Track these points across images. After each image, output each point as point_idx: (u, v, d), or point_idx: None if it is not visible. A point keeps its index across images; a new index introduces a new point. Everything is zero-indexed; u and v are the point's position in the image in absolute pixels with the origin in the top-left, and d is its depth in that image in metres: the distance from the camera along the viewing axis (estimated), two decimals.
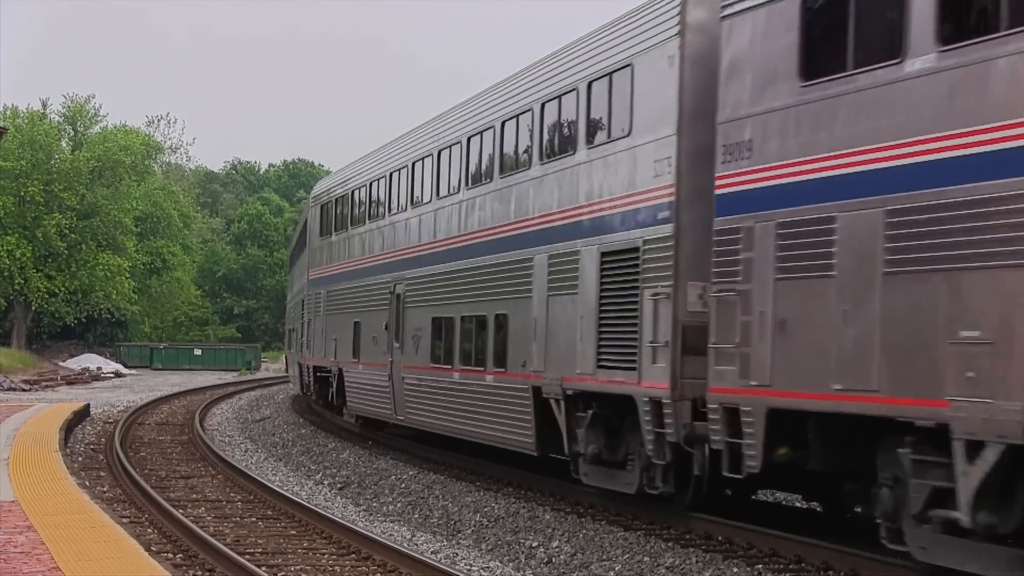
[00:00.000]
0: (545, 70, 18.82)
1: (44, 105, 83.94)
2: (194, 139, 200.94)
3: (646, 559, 14.29)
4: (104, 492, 19.47)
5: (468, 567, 14.56)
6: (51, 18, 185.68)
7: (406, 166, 25.33)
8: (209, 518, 17.41)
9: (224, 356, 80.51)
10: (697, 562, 13.88)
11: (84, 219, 77.95)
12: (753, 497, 17.24)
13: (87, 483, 19.25)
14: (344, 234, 30.42)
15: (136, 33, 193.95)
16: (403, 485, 21.33)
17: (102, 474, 22.04)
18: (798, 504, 17.64)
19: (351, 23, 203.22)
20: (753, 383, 12.86)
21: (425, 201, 23.90)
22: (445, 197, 22.78)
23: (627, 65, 16.07)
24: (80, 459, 24.09)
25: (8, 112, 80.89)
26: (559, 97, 18.06)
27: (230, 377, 65.77)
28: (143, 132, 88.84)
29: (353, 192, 29.81)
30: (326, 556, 14.58)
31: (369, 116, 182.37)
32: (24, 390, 48.38)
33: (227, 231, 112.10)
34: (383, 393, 25.91)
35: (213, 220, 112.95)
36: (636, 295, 15.40)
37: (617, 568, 14.09)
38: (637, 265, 15.46)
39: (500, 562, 14.98)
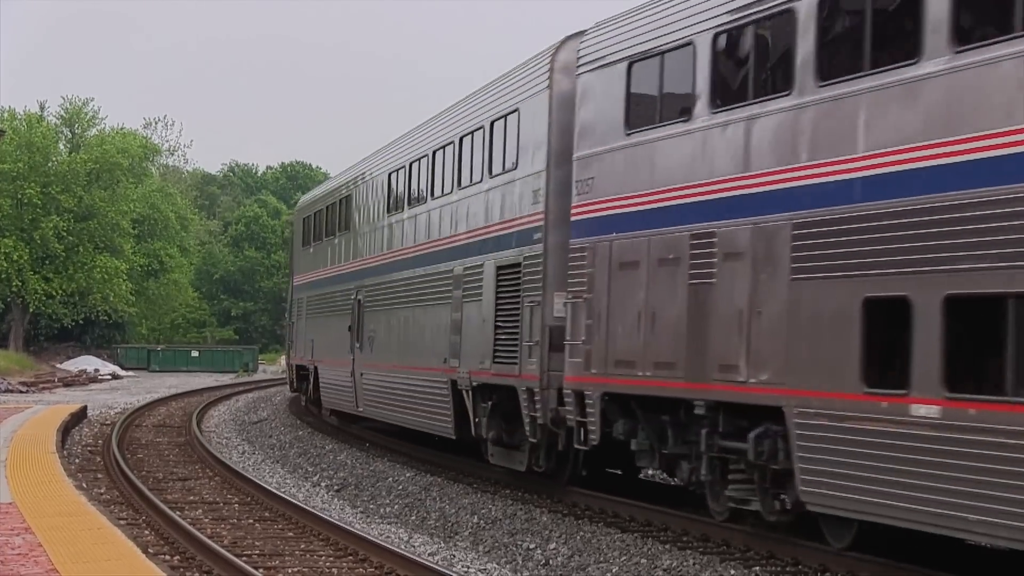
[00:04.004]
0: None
1: (42, 107, 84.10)
2: (191, 141, 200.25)
3: (643, 561, 14.31)
4: (101, 494, 19.47)
5: (465, 569, 14.58)
6: (49, 21, 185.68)
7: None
8: (206, 520, 17.43)
9: (221, 358, 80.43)
10: (695, 564, 13.90)
11: (81, 221, 77.95)
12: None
13: (84, 485, 19.25)
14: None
15: (134, 36, 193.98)
16: (400, 487, 21.35)
17: (99, 476, 22.05)
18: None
19: (350, 26, 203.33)
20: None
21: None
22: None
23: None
24: (77, 461, 24.10)
25: (6, 114, 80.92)
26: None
27: (227, 379, 65.74)
28: (140, 134, 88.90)
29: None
30: (323, 558, 14.60)
31: (367, 117, 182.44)
32: (21, 392, 48.40)
33: (224, 233, 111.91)
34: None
35: (210, 222, 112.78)
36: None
37: (614, 570, 14.10)
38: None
39: (497, 564, 14.99)
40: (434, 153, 23.17)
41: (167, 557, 14.12)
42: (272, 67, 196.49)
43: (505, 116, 19.55)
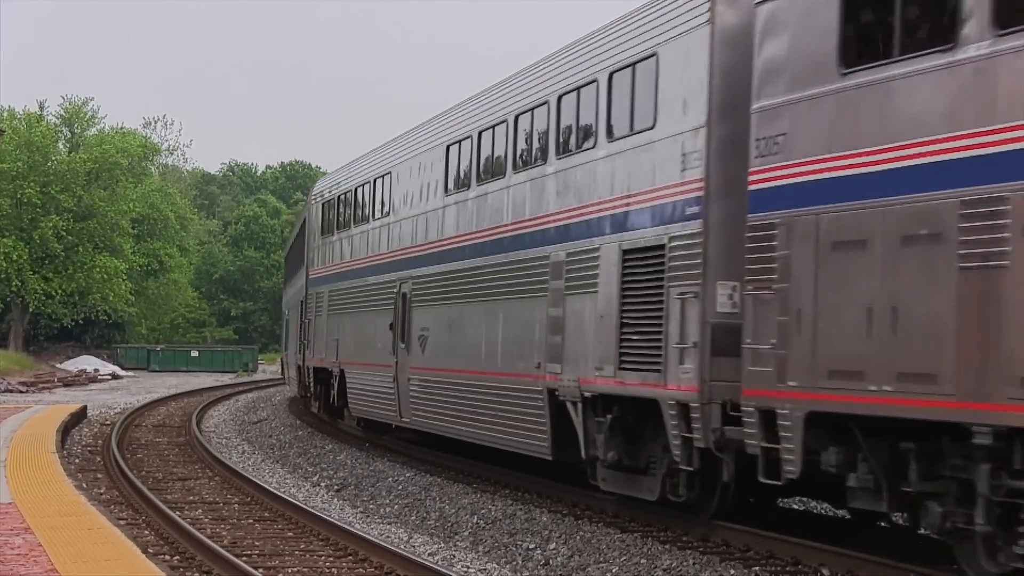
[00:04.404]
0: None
1: (41, 107, 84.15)
2: (191, 141, 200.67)
3: (643, 561, 14.30)
4: (101, 494, 19.47)
5: (465, 569, 14.57)
6: (50, 21, 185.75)
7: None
8: (206, 520, 17.42)
9: (221, 358, 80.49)
10: (694, 564, 13.89)
11: (81, 221, 78.01)
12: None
13: (84, 485, 19.24)
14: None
15: (134, 36, 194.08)
16: (400, 487, 21.34)
17: (99, 476, 22.04)
18: (795, 506, 17.66)
19: (350, 27, 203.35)
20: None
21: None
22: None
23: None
24: (77, 461, 24.09)
25: (6, 114, 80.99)
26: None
27: (227, 379, 65.76)
28: (140, 134, 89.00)
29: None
30: (323, 558, 14.59)
31: (367, 118, 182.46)
32: (21, 392, 48.39)
33: (224, 233, 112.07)
34: None
35: (210, 222, 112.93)
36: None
37: (614, 570, 14.09)
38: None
39: (497, 564, 14.98)
40: (516, 118, 19.31)
41: (167, 557, 14.11)
42: (272, 67, 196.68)
43: (633, 65, 15.86)
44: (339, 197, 30.47)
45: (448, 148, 22.29)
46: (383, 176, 26.36)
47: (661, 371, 14.54)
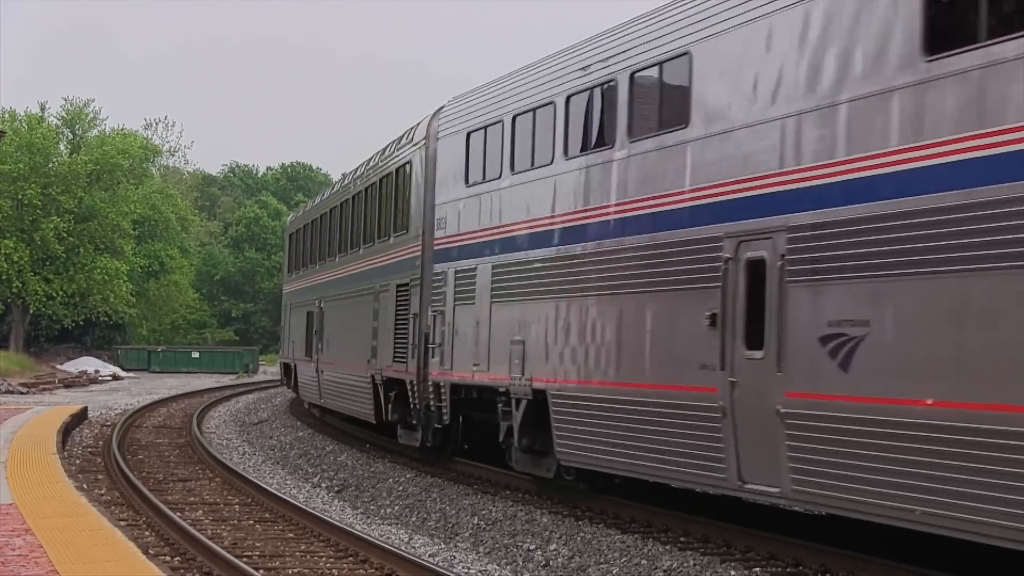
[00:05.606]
0: None
1: (43, 108, 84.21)
2: (192, 142, 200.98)
3: (644, 562, 14.30)
4: (102, 495, 19.48)
5: (466, 570, 14.57)
6: (50, 21, 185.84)
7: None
8: (207, 521, 17.43)
9: (222, 359, 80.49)
10: (695, 565, 13.89)
11: (82, 222, 78.07)
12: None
13: (85, 486, 19.25)
14: None
15: (135, 37, 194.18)
16: (401, 488, 21.34)
17: (100, 477, 22.05)
18: (797, 508, 17.42)
19: (351, 28, 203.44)
20: None
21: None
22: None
23: None
24: (78, 462, 24.09)
25: (7, 115, 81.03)
26: None
27: (228, 380, 65.79)
28: (141, 135, 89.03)
29: None
30: (323, 559, 14.60)
31: (368, 119, 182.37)
32: (22, 393, 48.40)
33: (225, 234, 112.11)
34: None
35: (211, 223, 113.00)
36: None
37: (615, 571, 14.10)
38: None
39: (498, 565, 14.99)
40: None
41: (167, 558, 14.12)
42: (273, 68, 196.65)
43: None
44: (514, 119, 19.53)
45: None
46: (666, 63, 15.50)
47: None
